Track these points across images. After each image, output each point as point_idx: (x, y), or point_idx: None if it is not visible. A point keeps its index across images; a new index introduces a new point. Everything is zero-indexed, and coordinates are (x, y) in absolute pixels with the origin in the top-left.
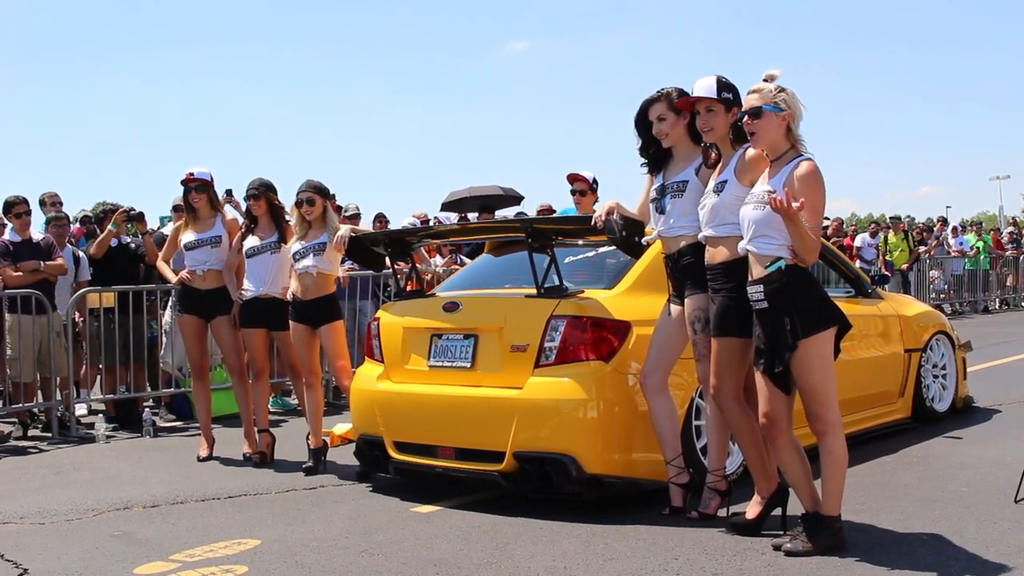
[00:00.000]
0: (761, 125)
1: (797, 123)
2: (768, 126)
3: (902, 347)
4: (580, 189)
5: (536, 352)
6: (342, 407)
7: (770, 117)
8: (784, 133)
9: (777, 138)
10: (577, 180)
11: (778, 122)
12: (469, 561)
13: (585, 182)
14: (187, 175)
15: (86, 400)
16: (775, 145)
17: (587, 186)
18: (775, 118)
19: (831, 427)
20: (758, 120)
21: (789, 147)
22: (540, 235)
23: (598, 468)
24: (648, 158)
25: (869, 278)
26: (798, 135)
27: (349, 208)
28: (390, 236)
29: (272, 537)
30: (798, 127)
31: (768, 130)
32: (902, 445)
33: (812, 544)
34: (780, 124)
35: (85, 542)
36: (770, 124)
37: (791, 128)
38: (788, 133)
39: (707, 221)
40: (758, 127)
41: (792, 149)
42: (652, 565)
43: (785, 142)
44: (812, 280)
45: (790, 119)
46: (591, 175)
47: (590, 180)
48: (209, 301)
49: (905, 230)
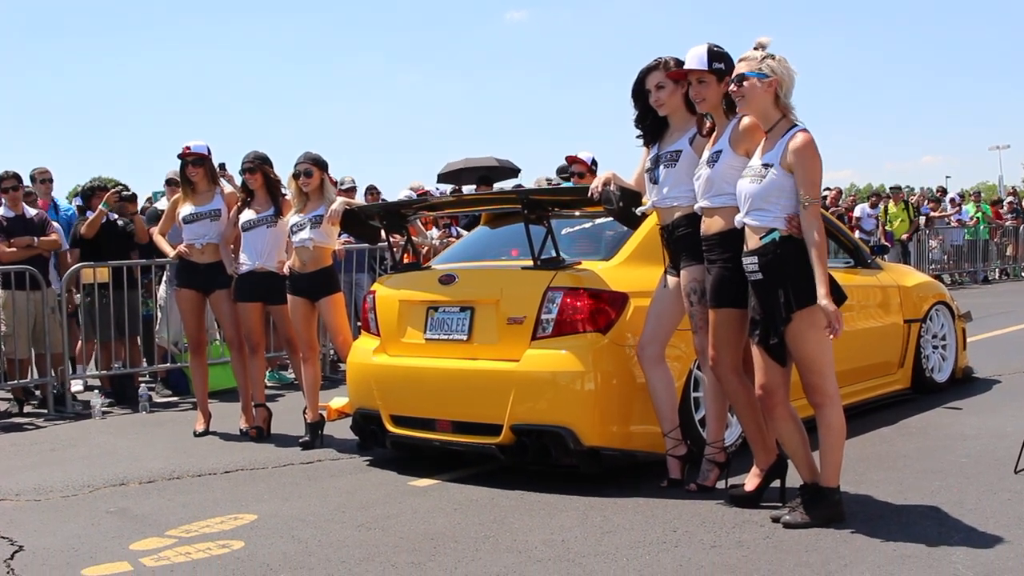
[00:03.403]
0: (747, 91)
1: (787, 91)
2: (753, 93)
3: (901, 317)
4: (579, 171)
5: (533, 324)
6: (339, 381)
7: (755, 83)
8: (772, 101)
9: (765, 106)
10: (576, 162)
11: (763, 89)
12: (466, 535)
13: (584, 164)
14: (184, 149)
15: (82, 376)
16: (764, 113)
17: (586, 168)
18: (760, 85)
19: (828, 399)
20: (743, 87)
21: (780, 116)
22: (536, 206)
23: (596, 440)
24: (644, 129)
25: (868, 248)
26: (788, 103)
27: (345, 181)
28: (385, 209)
29: (268, 512)
30: (789, 95)
31: (753, 97)
32: (901, 416)
33: (811, 516)
34: (766, 91)
35: (81, 518)
36: (755, 91)
37: (780, 96)
38: (777, 101)
39: (702, 192)
40: (744, 93)
41: (784, 119)
42: (650, 537)
43: (775, 111)
44: (805, 251)
45: (777, 86)
46: (590, 156)
47: (588, 162)
48: (208, 275)
49: (905, 200)
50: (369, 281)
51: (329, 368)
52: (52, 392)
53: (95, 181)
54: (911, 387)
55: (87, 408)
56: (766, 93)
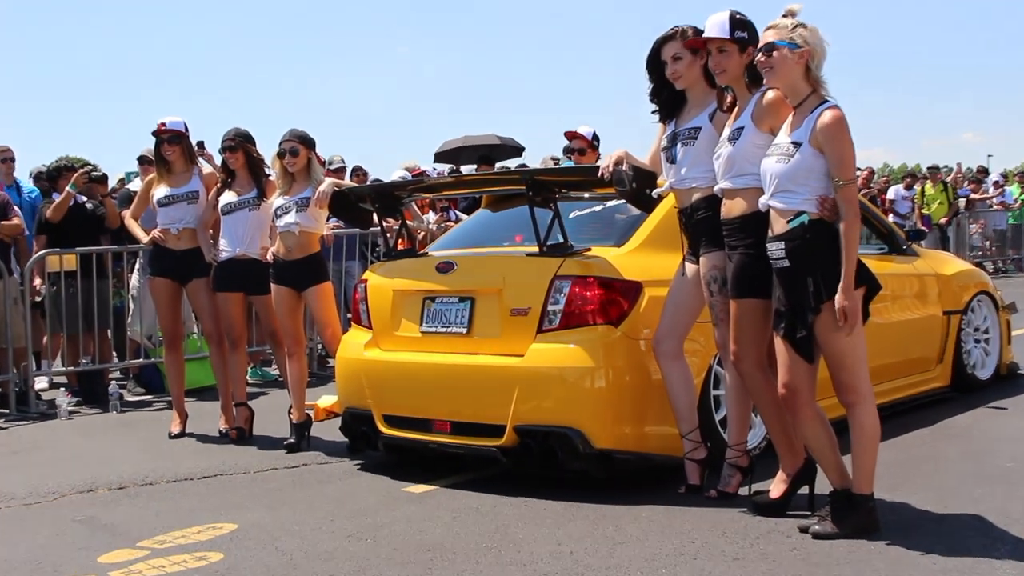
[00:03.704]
0: (776, 62)
1: (818, 63)
2: (783, 65)
3: (940, 309)
4: (579, 148)
5: (538, 316)
6: (327, 378)
7: (785, 54)
8: (803, 73)
9: (795, 79)
10: (575, 138)
11: (794, 60)
12: (466, 545)
13: (584, 140)
14: (159, 125)
15: (47, 372)
16: (794, 87)
17: (586, 144)
18: (791, 56)
19: (861, 397)
20: (772, 58)
21: (810, 90)
22: (542, 188)
23: (607, 442)
24: (659, 104)
25: (904, 233)
26: (819, 76)
27: (333, 160)
28: (378, 191)
29: (250, 521)
30: (820, 67)
31: (783, 69)
32: (941, 416)
33: (842, 525)
34: (797, 63)
35: (45, 528)
36: (785, 63)
37: (811, 68)
38: (807, 74)
39: (723, 172)
40: (773, 64)
41: (814, 93)
42: (667, 549)
43: (805, 84)
44: (836, 236)
45: (809, 57)
46: (590, 131)
47: (589, 137)
48: (185, 262)
49: (943, 181)
50: (360, 269)
51: (316, 364)
52: (14, 390)
53: (62, 160)
54: (951, 385)
55: (52, 408)
56: (796, 65)
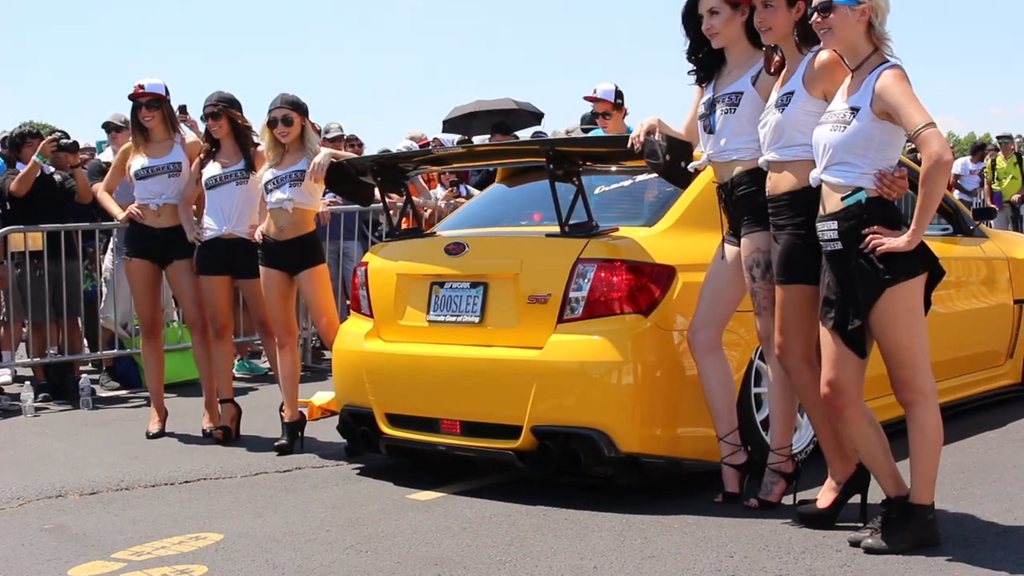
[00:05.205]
0: (835, 22)
1: (882, 18)
2: (843, 23)
3: (1011, 297)
4: (602, 111)
5: (559, 304)
6: (323, 372)
7: (845, 12)
8: (864, 32)
9: (856, 38)
10: (596, 101)
11: (856, 18)
12: (478, 559)
13: (606, 102)
14: (136, 88)
15: (9, 364)
16: (854, 47)
17: (610, 106)
18: (852, 13)
19: (922, 396)
20: (831, 16)
21: (872, 50)
22: (564, 160)
23: (635, 445)
24: (697, 64)
25: (971, 212)
26: (883, 32)
27: (331, 129)
28: (380, 163)
29: (237, 531)
30: (883, 24)
31: (843, 28)
32: (1010, 417)
33: (897, 539)
34: (859, 20)
35: (9, 538)
36: (845, 21)
37: (874, 24)
38: (870, 31)
39: (770, 142)
40: (831, 24)
41: (876, 53)
42: (701, 564)
43: (866, 43)
44: (899, 216)
45: (871, 13)
46: (610, 88)
47: (610, 98)
48: (164, 242)
49: (1017, 153)
50: (360, 251)
51: (311, 356)
52: None
53: (26, 127)
54: (1022, 382)
55: (16, 403)
56: (859, 23)
